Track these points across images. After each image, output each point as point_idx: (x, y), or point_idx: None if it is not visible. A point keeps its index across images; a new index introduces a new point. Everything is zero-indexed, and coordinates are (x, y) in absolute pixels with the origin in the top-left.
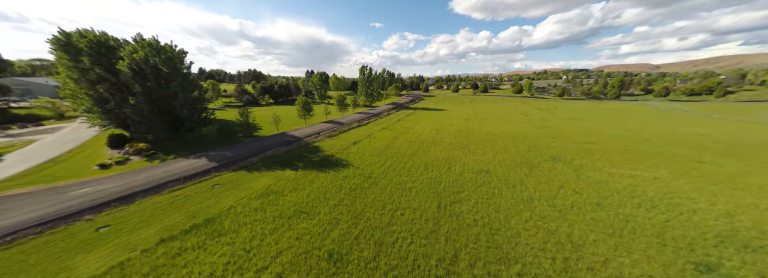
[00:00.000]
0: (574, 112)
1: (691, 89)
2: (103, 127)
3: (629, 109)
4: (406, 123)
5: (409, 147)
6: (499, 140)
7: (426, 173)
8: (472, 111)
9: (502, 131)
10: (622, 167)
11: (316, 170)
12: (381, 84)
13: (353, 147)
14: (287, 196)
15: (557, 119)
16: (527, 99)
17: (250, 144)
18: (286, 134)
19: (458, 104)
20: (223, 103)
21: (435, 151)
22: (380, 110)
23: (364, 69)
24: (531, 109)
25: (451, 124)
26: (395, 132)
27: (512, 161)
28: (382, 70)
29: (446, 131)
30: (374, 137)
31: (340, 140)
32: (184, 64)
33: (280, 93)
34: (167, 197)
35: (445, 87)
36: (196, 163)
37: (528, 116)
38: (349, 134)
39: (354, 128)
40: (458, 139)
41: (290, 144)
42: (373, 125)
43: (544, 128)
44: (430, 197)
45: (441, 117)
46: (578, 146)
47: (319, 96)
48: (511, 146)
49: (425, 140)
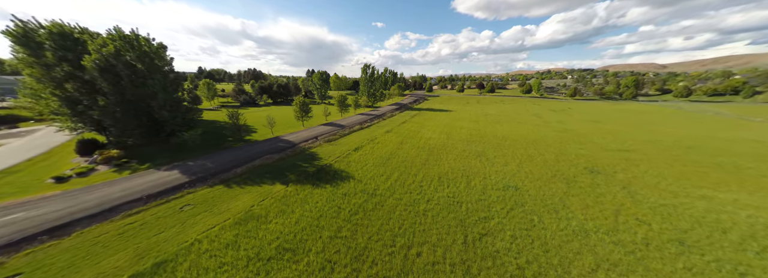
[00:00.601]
0: (591, 113)
1: (713, 89)
2: (74, 131)
3: (651, 110)
4: (412, 126)
5: (417, 155)
6: (518, 146)
7: (441, 190)
8: (480, 112)
9: (518, 135)
10: (683, 184)
11: (311, 184)
12: (383, 84)
13: (354, 154)
14: (271, 223)
15: (575, 121)
16: (537, 99)
17: (239, 151)
18: (280, 139)
19: (465, 105)
20: (219, 103)
21: (448, 160)
22: (383, 111)
23: (367, 68)
24: (543, 110)
25: (461, 127)
26: (401, 136)
27: (542, 173)
28: (384, 69)
29: (457, 136)
30: (378, 142)
31: (340, 146)
32: (165, 60)
33: (279, 93)
34: (118, 225)
35: (449, 87)
36: (168, 176)
37: (542, 118)
38: (351, 138)
39: (356, 131)
40: (472, 145)
41: (283, 151)
42: (376, 127)
43: (565, 131)
44: (451, 226)
45: (448, 119)
46: (614, 155)
47: (319, 96)
48: (535, 153)
49: (435, 146)
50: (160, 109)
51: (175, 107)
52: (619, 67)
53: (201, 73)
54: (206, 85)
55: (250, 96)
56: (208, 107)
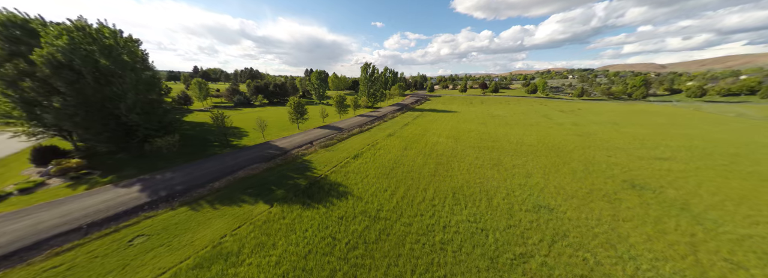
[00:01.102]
0: (604, 114)
1: (727, 88)
2: (33, 137)
3: (668, 111)
4: (416, 128)
5: (425, 164)
6: (537, 153)
7: (458, 211)
8: (486, 113)
9: (533, 139)
10: (755, 204)
11: (301, 203)
12: (384, 84)
13: (353, 163)
14: (243, 265)
15: (591, 123)
16: (543, 100)
17: (223, 159)
18: (271, 144)
19: (468, 105)
20: (212, 103)
21: (460, 170)
22: (384, 112)
23: (367, 67)
24: (552, 111)
25: (469, 130)
26: (404, 141)
27: (575, 188)
28: (385, 68)
29: (466, 140)
30: (380, 148)
31: (337, 152)
32: (136, 55)
33: (275, 93)
34: (35, 270)
35: (450, 87)
36: (128, 193)
37: (554, 120)
38: (349, 142)
39: (355, 134)
40: (484, 151)
41: (273, 158)
42: (377, 130)
43: (583, 136)
44: (480, 269)
45: (454, 121)
46: (652, 165)
47: (317, 96)
48: (559, 162)
49: (444, 153)
50: (129, 111)
51: (148, 109)
52: (619, 67)
53: (196, 72)
54: (198, 84)
55: (244, 96)
56: (199, 108)
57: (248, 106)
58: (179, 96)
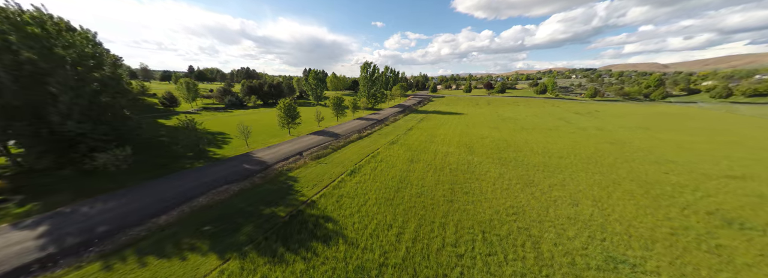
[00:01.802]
0: (627, 117)
1: (753, 88)
2: None
3: (697, 114)
4: (421, 134)
5: (438, 183)
6: (574, 167)
7: (497, 266)
8: (496, 116)
9: (561, 148)
10: None
11: (270, 256)
12: (384, 84)
13: (349, 182)
14: None
15: (618, 128)
16: (553, 101)
17: (190, 176)
18: (253, 156)
19: (475, 107)
20: (203, 104)
21: (483, 192)
22: (385, 114)
23: (367, 66)
24: (567, 113)
25: (482, 136)
26: (410, 150)
27: (649, 227)
28: (386, 68)
29: (481, 149)
30: (381, 160)
31: (331, 166)
32: (76, 47)
33: (270, 94)
34: None
35: (453, 87)
36: (20, 241)
37: (573, 124)
38: (346, 152)
39: (353, 141)
40: (508, 166)
41: (250, 176)
42: (377, 136)
43: (617, 144)
44: None
45: (463, 125)
46: (727, 186)
47: (314, 97)
48: (607, 182)
49: (458, 167)
50: (65, 117)
51: (94, 115)
52: (621, 67)
53: (191, 72)
54: (185, 84)
55: (236, 97)
56: (186, 110)
57: (241, 107)
58: (164, 97)
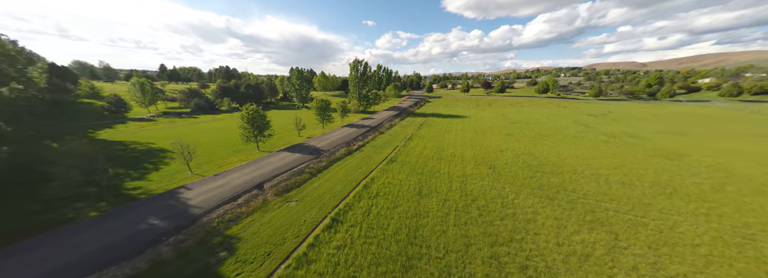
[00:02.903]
0: (648, 120)
1: (759, 86)
2: None
3: (725, 116)
4: (424, 145)
5: (468, 244)
6: (661, 204)
7: None
8: (503, 118)
9: (610, 167)
10: None
11: None
12: (377, 84)
13: (326, 246)
14: None
15: (652, 134)
16: (557, 100)
17: (60, 239)
18: (179, 197)
19: (476, 108)
20: (166, 109)
21: (552, 267)
22: (379, 118)
23: (357, 64)
24: (579, 115)
25: (500, 147)
26: (415, 172)
27: None
28: (378, 66)
29: (507, 169)
30: (377, 193)
31: (301, 209)
32: None
33: (248, 95)
34: None
35: (449, 86)
36: None
37: (595, 129)
38: (328, 179)
39: (339, 159)
40: (561, 202)
41: (161, 241)
42: (371, 150)
43: (675, 158)
44: None
45: (470, 131)
46: None
47: (299, 99)
48: (733, 240)
49: (489, 205)
50: None
51: None
52: (604, 66)
53: (163, 71)
54: (138, 85)
55: (206, 100)
56: (139, 117)
57: (211, 112)
58: (109, 101)
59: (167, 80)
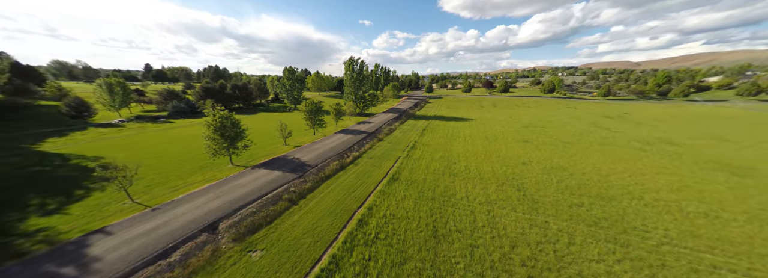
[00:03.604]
0: (672, 122)
1: None
2: None
3: (752, 117)
4: (431, 156)
5: None
6: None
7: None
8: (514, 122)
9: (670, 187)
10: None
11: None
12: (374, 84)
13: None
14: None
15: (691, 141)
16: (565, 101)
17: None
18: (79, 253)
19: (480, 110)
20: (142, 111)
21: None
22: (377, 122)
23: (352, 63)
24: (595, 117)
25: (522, 159)
26: (423, 197)
27: None
28: (375, 65)
29: (543, 192)
30: (377, 234)
31: (265, 270)
32: None
33: (234, 97)
34: None
35: (449, 86)
36: None
37: (624, 134)
38: (311, 211)
39: (328, 177)
40: (642, 262)
41: None
42: (367, 164)
43: (745, 174)
44: None
45: (480, 137)
46: None
47: (290, 100)
48: None
49: (540, 258)
50: None
51: None
52: (599, 66)
53: (148, 71)
54: (106, 86)
55: (187, 102)
56: (106, 122)
57: (192, 115)
58: (68, 104)
59: (153, 80)
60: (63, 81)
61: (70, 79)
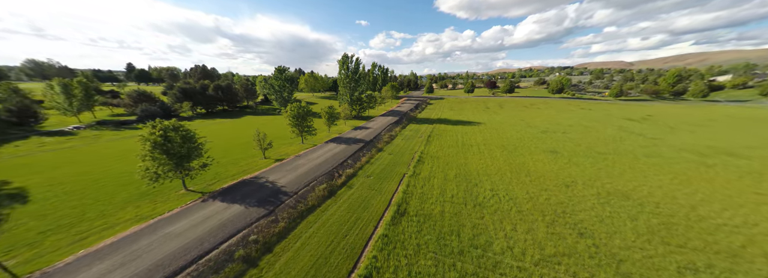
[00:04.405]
0: (711, 127)
1: None
2: None
3: None
4: (443, 174)
5: None
6: None
7: None
8: (527, 126)
9: None
10: None
11: None
12: (372, 84)
13: None
14: None
15: (744, 148)
16: (577, 101)
17: None
18: None
19: (486, 112)
20: (110, 115)
21: None
22: (375, 127)
23: (346, 60)
24: (615, 119)
25: (563, 180)
26: (447, 254)
27: None
28: (373, 64)
29: (614, 240)
30: None
31: None
32: None
33: (216, 99)
34: None
35: (449, 86)
36: None
37: (662, 142)
38: None
39: (310, 211)
40: None
41: None
42: (365, 186)
43: None
44: None
45: (498, 148)
46: None
47: (279, 102)
48: None
49: None
50: None
51: None
52: (593, 66)
53: (130, 71)
54: (60, 87)
55: (161, 105)
56: (58, 128)
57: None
58: (10, 110)
59: (136, 80)
60: (37, 82)
61: (43, 79)
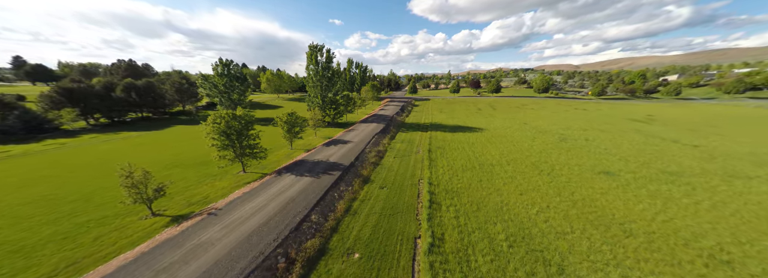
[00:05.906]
0: (729, 127)
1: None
2: None
3: None
4: (490, 234)
5: None
6: None
7: None
8: (537, 132)
9: None
10: None
11: None
12: (349, 84)
13: None
14: None
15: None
16: (565, 101)
17: None
18: None
19: (479, 114)
20: None
21: None
22: (355, 140)
23: (314, 53)
24: (623, 121)
25: (680, 235)
26: None
27: None
28: (348, 61)
29: None
30: None
31: None
32: None
33: (127, 103)
34: None
35: (432, 86)
36: None
37: (705, 149)
38: None
39: None
40: None
41: None
42: None
43: None
44: None
45: (534, 170)
46: None
47: (226, 106)
48: None
49: None
50: None
51: None
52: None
53: (18, 67)
54: None
55: (22, 114)
56: None
57: (26, 137)
58: None
59: (28, 79)
60: None
61: None
